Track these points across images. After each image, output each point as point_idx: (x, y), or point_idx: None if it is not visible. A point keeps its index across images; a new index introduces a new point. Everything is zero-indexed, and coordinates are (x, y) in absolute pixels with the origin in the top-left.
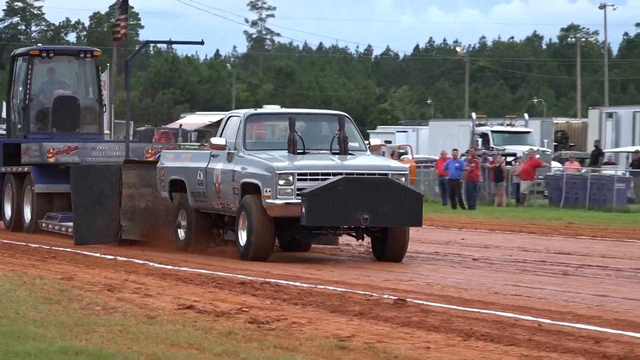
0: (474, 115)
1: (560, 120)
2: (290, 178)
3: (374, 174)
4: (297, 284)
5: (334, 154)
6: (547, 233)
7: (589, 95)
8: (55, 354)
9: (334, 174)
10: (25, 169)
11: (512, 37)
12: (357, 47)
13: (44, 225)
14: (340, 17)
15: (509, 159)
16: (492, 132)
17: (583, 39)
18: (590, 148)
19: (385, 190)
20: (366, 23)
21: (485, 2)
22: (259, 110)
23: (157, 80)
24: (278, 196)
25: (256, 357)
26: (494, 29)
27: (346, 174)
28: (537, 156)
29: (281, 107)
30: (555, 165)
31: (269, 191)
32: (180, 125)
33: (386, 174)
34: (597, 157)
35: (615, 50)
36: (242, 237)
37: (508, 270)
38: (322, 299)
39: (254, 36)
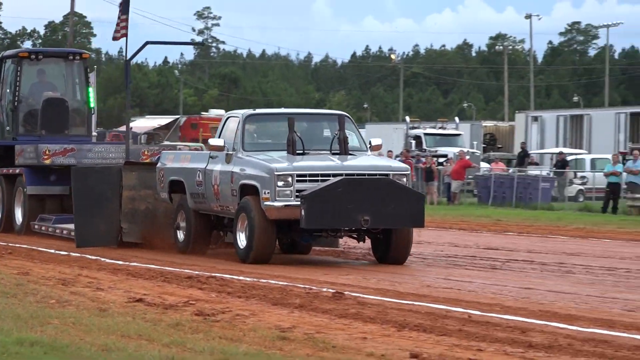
0: (407, 118)
1: (489, 124)
2: (289, 179)
3: (375, 175)
4: (241, 278)
5: (333, 154)
6: (477, 229)
7: (516, 100)
8: (11, 345)
9: (334, 175)
10: (17, 171)
11: (444, 45)
12: (298, 54)
13: (36, 227)
14: (282, 27)
15: (441, 160)
16: (425, 134)
17: (510, 47)
18: (517, 150)
19: (386, 190)
20: (306, 32)
21: (418, 12)
22: (258, 111)
23: (108, 86)
24: (277, 198)
25: (202, 348)
26: (427, 37)
27: (346, 174)
28: (467, 157)
29: (226, 111)
30: (484, 165)
31: (268, 193)
32: (131, 128)
33: (387, 174)
34: (523, 158)
35: (540, 58)
36: (241, 239)
37: (440, 265)
38: (264, 292)
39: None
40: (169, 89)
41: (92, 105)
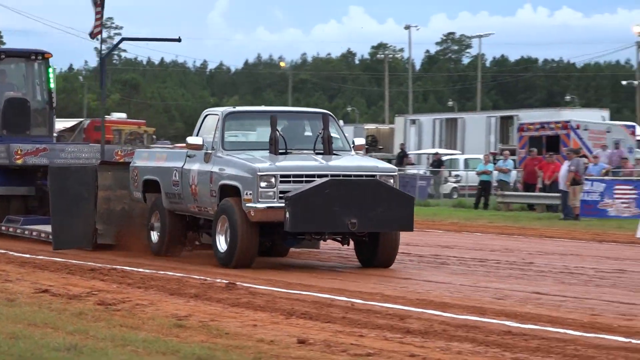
0: None
1: (371, 126)
2: (272, 180)
3: (361, 176)
4: (140, 270)
5: (317, 154)
6: None
7: (396, 104)
8: None
9: (319, 176)
10: None
11: (329, 54)
12: (194, 61)
13: (3, 228)
14: (180, 35)
15: None
16: None
17: (390, 56)
18: (397, 150)
19: (374, 192)
20: (202, 41)
21: (306, 23)
22: (239, 108)
23: None
24: (259, 199)
25: (104, 335)
26: (314, 46)
27: (331, 175)
28: None
29: (127, 115)
30: None
31: (250, 194)
32: None
33: (374, 175)
34: (402, 158)
35: (418, 65)
36: (221, 242)
37: (326, 258)
38: (162, 283)
39: (103, 52)
40: (74, 94)
41: (54, 105)
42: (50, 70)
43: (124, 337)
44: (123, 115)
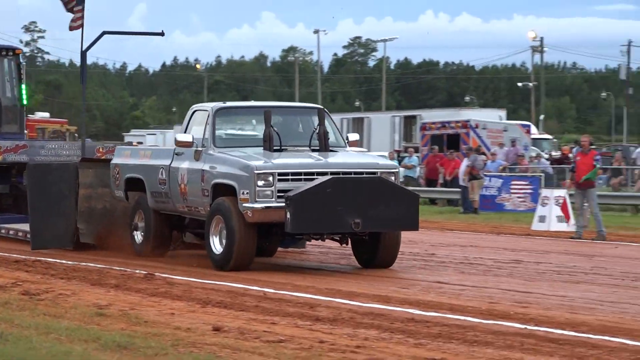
0: None
1: None
2: (270, 178)
3: (362, 173)
4: (64, 261)
5: (313, 150)
6: None
7: None
8: None
9: (318, 173)
10: None
11: (243, 56)
12: (114, 63)
13: None
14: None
15: None
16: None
17: (300, 58)
18: None
19: (378, 190)
20: (121, 42)
21: (220, 27)
22: (229, 104)
23: None
24: (257, 199)
25: (28, 323)
26: (228, 49)
27: (331, 173)
28: None
29: (50, 115)
30: None
31: (247, 193)
32: None
33: (375, 173)
34: None
35: (326, 68)
36: (215, 244)
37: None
38: (84, 274)
39: (27, 54)
40: None
41: (24, 102)
42: (21, 66)
43: (48, 325)
44: (46, 114)
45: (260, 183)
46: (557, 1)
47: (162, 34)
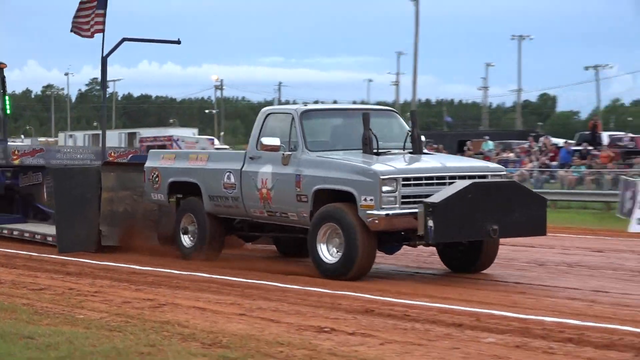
0: None
1: (42, 139)
2: (395, 184)
3: (475, 177)
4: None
5: (407, 153)
6: None
7: (59, 125)
8: None
9: (438, 178)
10: None
11: (14, 91)
12: None
13: None
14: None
15: None
16: None
17: (56, 92)
18: None
19: (514, 196)
20: None
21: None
22: (311, 106)
23: None
24: (382, 206)
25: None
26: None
27: (449, 177)
28: None
29: None
30: None
31: (370, 200)
32: None
33: (486, 176)
34: None
35: (74, 98)
36: (324, 252)
37: None
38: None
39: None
40: None
41: (8, 111)
42: (4, 79)
43: None
44: None
45: (385, 189)
46: (232, 53)
47: (178, 42)
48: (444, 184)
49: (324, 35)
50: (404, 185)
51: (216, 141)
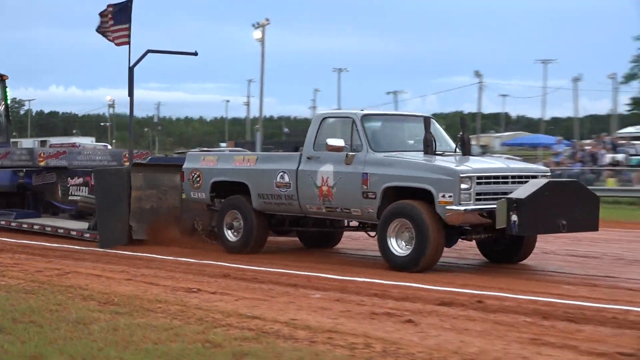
0: None
1: None
2: (470, 182)
3: (537, 176)
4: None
5: (458, 155)
6: None
7: None
8: None
9: (503, 177)
10: None
11: None
12: None
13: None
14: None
15: None
16: None
17: None
18: None
19: (578, 194)
20: None
21: None
22: (369, 111)
23: None
24: (461, 202)
25: None
26: None
27: (512, 177)
28: None
29: None
30: None
31: (450, 197)
32: None
33: (536, 176)
34: None
35: None
36: (394, 245)
37: None
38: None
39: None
40: None
41: (10, 118)
42: (7, 89)
43: None
44: None
45: (463, 186)
46: (122, 79)
47: (195, 54)
48: (506, 183)
49: (193, 67)
50: (477, 183)
51: (109, 146)
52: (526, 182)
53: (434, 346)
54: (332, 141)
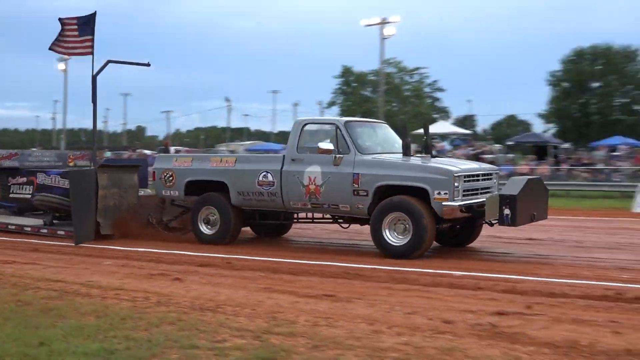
0: None
1: None
2: (459, 181)
3: (492, 174)
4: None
5: (427, 156)
6: None
7: None
8: None
9: (477, 175)
10: None
11: None
12: None
13: None
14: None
15: None
16: None
17: None
18: None
19: (540, 189)
20: None
21: None
22: (350, 118)
23: None
24: (455, 198)
25: None
26: None
27: (482, 175)
28: None
29: None
30: None
31: (445, 194)
32: None
33: (492, 173)
34: None
35: None
36: (389, 236)
37: None
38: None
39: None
40: None
41: None
42: None
43: None
44: None
45: (456, 184)
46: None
47: (148, 64)
48: (478, 180)
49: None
50: (465, 181)
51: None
52: (489, 179)
53: (195, 296)
54: (323, 145)
